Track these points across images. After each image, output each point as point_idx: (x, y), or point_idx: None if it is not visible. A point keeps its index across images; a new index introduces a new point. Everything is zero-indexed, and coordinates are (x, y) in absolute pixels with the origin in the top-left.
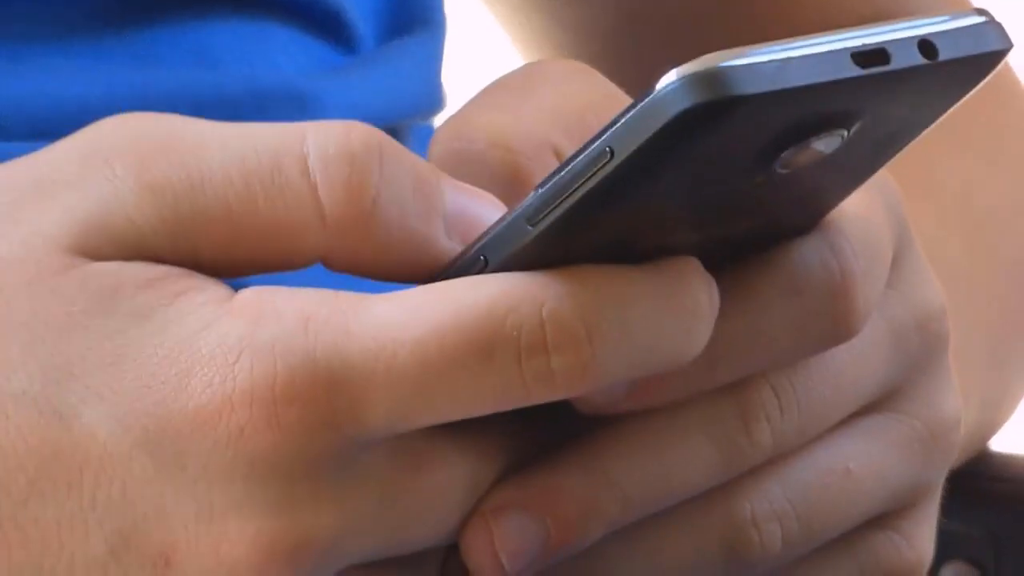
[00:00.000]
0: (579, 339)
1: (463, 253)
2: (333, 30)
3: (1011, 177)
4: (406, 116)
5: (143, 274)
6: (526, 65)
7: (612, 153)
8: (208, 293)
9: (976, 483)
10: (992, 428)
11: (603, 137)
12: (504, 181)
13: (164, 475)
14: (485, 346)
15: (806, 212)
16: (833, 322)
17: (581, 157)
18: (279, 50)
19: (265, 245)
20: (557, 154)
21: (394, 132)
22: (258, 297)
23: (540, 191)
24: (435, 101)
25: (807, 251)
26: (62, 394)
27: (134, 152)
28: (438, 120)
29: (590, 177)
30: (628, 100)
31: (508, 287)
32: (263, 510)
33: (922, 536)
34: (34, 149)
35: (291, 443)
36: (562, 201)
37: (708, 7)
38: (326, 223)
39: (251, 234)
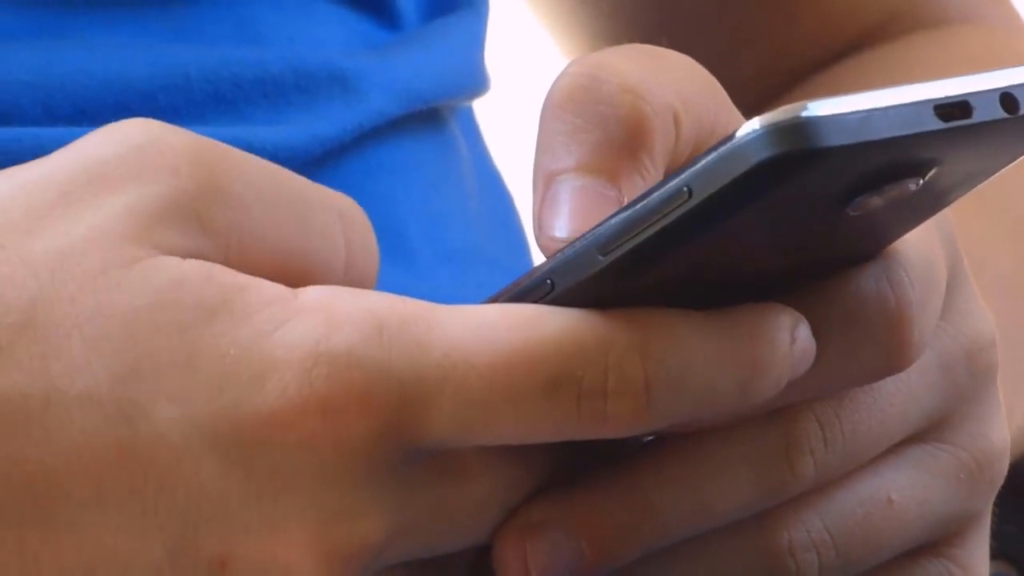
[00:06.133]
0: (637, 389)
1: (532, 273)
2: (376, 7)
3: None
4: (448, 96)
5: (203, 270)
6: (652, 46)
7: (690, 193)
8: (270, 290)
9: (1014, 481)
10: None
11: (682, 176)
12: (626, 126)
13: (231, 479)
14: (552, 381)
15: (869, 245)
16: (887, 353)
17: (658, 193)
18: (321, 26)
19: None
20: (676, 121)
21: (437, 112)
22: (326, 297)
23: (613, 221)
24: (478, 82)
25: (865, 281)
26: (130, 395)
27: (196, 153)
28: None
29: (666, 214)
30: (729, 104)
31: (579, 326)
32: (326, 517)
33: (976, 564)
34: (79, 135)
35: (358, 452)
36: (635, 235)
37: (746, 3)
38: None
39: (297, 261)
